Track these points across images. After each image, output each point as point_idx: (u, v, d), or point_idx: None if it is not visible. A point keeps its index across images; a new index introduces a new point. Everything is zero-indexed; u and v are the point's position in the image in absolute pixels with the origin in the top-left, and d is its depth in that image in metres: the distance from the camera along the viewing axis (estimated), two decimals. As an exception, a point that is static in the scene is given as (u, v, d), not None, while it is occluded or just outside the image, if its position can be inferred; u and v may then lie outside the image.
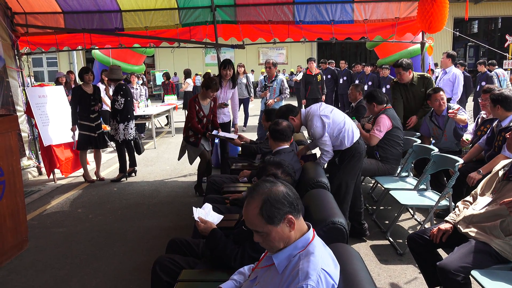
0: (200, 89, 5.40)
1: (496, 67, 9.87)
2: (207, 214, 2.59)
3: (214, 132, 5.13)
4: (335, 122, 3.49)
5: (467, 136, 4.32)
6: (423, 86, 5.06)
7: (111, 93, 6.17)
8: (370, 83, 10.67)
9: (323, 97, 9.51)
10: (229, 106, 5.78)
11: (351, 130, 3.56)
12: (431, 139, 4.77)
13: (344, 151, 3.59)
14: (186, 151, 5.19)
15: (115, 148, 6.14)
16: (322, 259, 1.47)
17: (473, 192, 2.74)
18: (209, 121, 5.17)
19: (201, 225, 2.37)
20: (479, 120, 4.34)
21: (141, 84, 10.95)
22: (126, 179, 6.12)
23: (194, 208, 2.53)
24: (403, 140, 4.42)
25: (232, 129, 6.03)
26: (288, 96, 7.03)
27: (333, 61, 11.95)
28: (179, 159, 5.35)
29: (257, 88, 7.50)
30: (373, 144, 4.28)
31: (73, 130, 5.79)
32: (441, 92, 4.49)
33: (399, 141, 4.33)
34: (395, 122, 4.31)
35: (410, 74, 5.06)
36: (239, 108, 10.36)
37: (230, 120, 5.93)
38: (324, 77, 9.90)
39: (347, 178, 3.63)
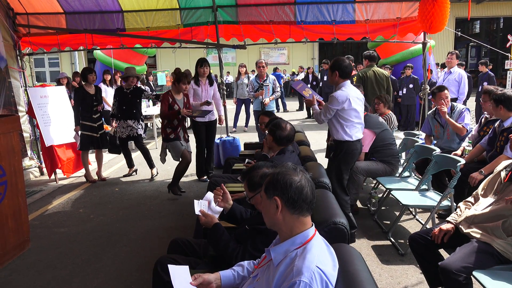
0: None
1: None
2: (210, 204, 2.56)
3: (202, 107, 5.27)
4: (351, 115, 3.62)
5: (465, 144, 4.33)
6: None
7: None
8: None
9: None
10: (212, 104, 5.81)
11: (359, 130, 3.71)
12: (432, 138, 4.78)
13: (341, 146, 3.68)
14: (168, 151, 5.25)
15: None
16: (319, 257, 1.49)
17: (474, 193, 2.74)
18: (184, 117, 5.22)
19: (202, 218, 2.35)
20: (483, 120, 4.33)
21: (144, 84, 10.95)
22: (136, 173, 6.35)
23: (195, 201, 2.49)
24: (394, 137, 4.53)
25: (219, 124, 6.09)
26: (279, 94, 7.05)
27: None
28: (163, 162, 5.47)
29: (247, 89, 7.43)
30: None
31: (76, 130, 5.81)
32: (446, 91, 4.49)
33: (391, 140, 4.45)
34: (376, 129, 4.42)
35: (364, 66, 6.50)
36: (241, 108, 10.40)
37: (216, 118, 5.94)
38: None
39: (341, 167, 3.73)
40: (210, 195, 2.58)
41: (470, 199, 2.72)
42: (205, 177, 5.92)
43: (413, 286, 2.97)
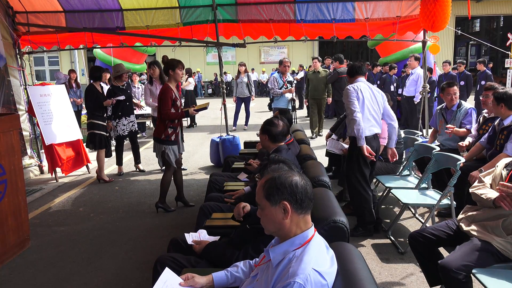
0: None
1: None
2: (203, 238, 2.56)
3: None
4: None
5: (467, 140, 4.29)
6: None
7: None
8: (379, 82, 10.65)
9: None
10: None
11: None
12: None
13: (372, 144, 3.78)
14: (162, 156, 4.42)
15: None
16: (316, 259, 1.49)
17: (480, 176, 2.68)
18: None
19: (196, 247, 2.39)
20: (481, 118, 4.34)
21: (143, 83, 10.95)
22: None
23: (186, 235, 2.50)
24: (403, 138, 4.47)
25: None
26: None
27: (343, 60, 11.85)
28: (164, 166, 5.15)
29: (269, 85, 7.26)
30: None
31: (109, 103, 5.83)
32: (455, 87, 4.51)
33: (399, 138, 4.42)
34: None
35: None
36: (241, 107, 10.38)
37: None
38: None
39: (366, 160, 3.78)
40: (203, 232, 2.60)
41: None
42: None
43: (412, 285, 2.97)
